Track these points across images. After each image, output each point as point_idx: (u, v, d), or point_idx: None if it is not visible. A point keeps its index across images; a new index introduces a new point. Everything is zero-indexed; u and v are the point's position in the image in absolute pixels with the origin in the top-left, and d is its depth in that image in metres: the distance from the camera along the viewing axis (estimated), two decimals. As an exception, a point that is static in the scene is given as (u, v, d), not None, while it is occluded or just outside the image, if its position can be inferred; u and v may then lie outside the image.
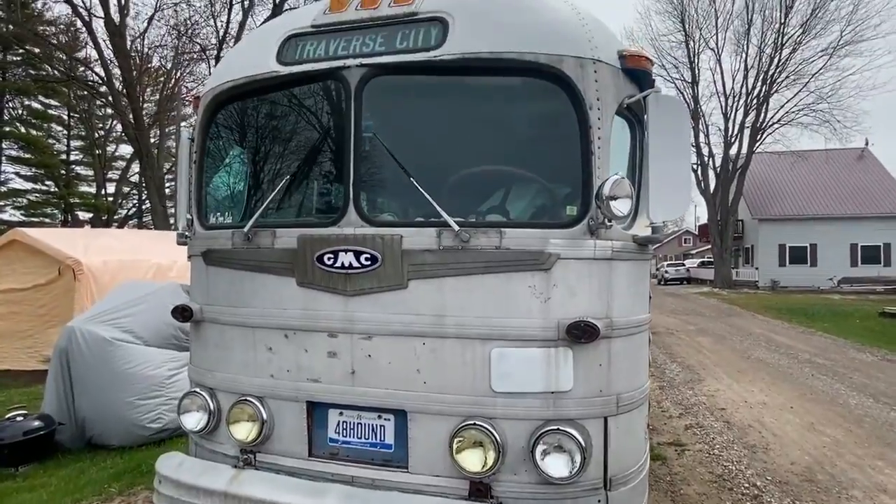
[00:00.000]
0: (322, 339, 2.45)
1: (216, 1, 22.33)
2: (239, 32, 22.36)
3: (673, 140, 2.41)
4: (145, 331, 6.14)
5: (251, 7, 22.94)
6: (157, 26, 23.32)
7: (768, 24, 31.23)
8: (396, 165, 2.37)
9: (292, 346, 2.51)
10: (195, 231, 2.87)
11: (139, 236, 13.84)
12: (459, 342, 2.28)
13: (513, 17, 2.36)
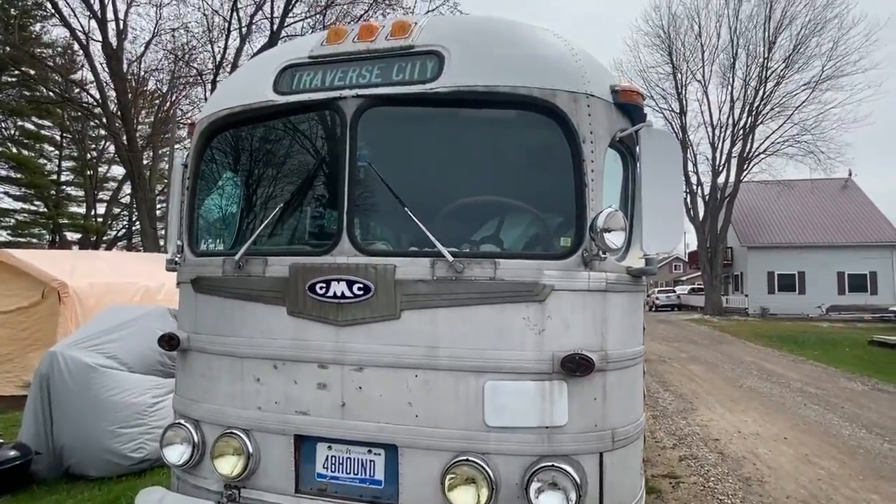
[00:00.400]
0: (312, 371, 2.39)
1: (214, 27, 22.67)
2: (236, 58, 22.64)
3: (665, 173, 2.44)
4: (130, 357, 6.00)
5: (248, 34, 23.31)
6: (153, 50, 23.48)
7: (752, 59, 32.25)
8: (391, 195, 2.37)
9: (281, 377, 2.45)
10: (185, 258, 2.83)
11: (127, 258, 13.69)
12: (452, 374, 2.25)
13: (507, 51, 2.40)
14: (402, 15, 21.24)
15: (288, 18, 22.22)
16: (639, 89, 2.61)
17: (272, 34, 22.05)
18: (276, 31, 22.20)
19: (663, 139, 2.47)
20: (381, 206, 2.49)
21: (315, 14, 22.84)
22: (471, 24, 2.56)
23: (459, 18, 2.57)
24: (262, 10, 22.18)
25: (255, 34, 23.71)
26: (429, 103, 2.41)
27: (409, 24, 2.57)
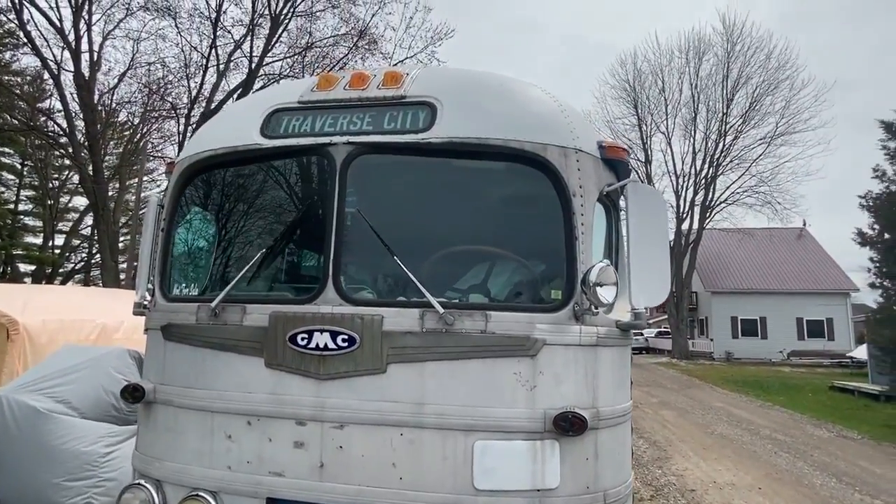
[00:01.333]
0: (289, 427, 2.25)
1: (191, 63, 22.68)
2: (212, 94, 22.62)
3: (651, 228, 2.46)
4: (83, 401, 5.60)
5: (226, 71, 23.40)
6: (127, 82, 23.24)
7: (712, 114, 34.15)
8: (378, 243, 2.32)
9: (255, 434, 2.29)
10: (156, 302, 2.68)
11: (84, 293, 13.03)
12: (440, 433, 2.14)
13: (499, 105, 2.44)
14: (381, 59, 21.77)
15: (267, 58, 22.49)
16: (624, 146, 2.67)
17: (250, 72, 22.21)
18: (255, 70, 22.38)
19: (649, 195, 2.51)
20: (368, 254, 2.43)
21: (295, 55, 23.21)
22: (462, 78, 2.60)
23: (451, 71, 2.60)
24: (240, 48, 22.40)
25: (232, 72, 23.83)
26: (421, 153, 2.40)
27: (401, 75, 2.59)
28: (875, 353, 11.31)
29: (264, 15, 21.82)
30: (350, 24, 21.89)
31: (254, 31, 21.67)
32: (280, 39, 22.42)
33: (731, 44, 33.09)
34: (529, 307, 2.32)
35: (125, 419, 5.63)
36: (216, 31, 21.15)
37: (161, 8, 20.91)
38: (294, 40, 22.70)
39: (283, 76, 22.87)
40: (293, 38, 22.84)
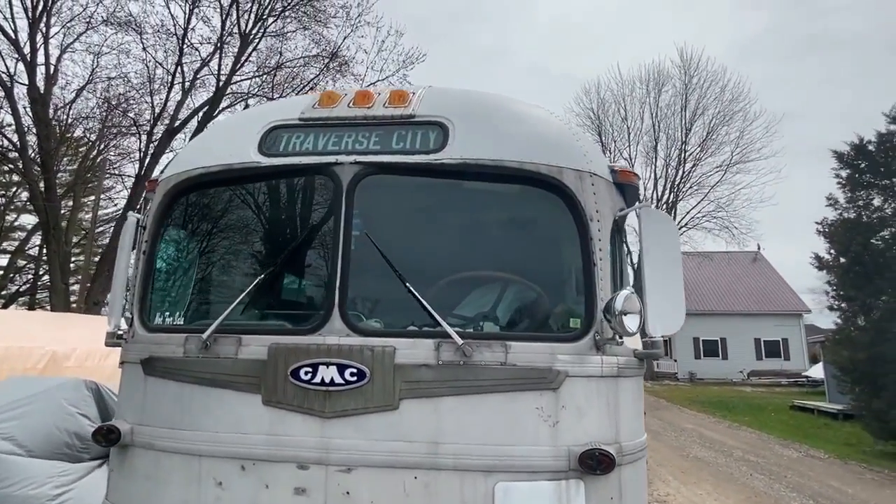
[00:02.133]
0: (289, 472, 2.04)
1: (155, 79, 22.04)
2: (176, 111, 22.00)
3: (665, 253, 2.41)
4: (31, 438, 5.11)
5: (192, 88, 22.85)
6: (85, 97, 22.36)
7: (672, 142, 35.58)
8: (388, 268, 2.17)
9: (249, 480, 2.07)
10: (134, 332, 2.43)
11: (31, 318, 12.17)
12: (458, 475, 1.98)
13: (513, 127, 2.36)
14: (352, 81, 21.71)
15: (235, 76, 22.10)
16: (634, 171, 2.63)
17: (217, 90, 21.76)
18: (222, 88, 21.94)
19: (662, 220, 2.47)
20: (376, 280, 2.27)
21: (263, 74, 22.89)
22: (472, 99, 2.52)
23: (458, 92, 2.52)
24: (208, 66, 21.95)
25: (198, 90, 23.28)
26: (432, 174, 2.29)
27: (408, 94, 2.49)
28: (835, 373, 11.73)
29: (233, 33, 21.54)
30: (321, 46, 21.83)
31: (222, 49, 21.31)
32: (249, 59, 22.12)
33: (689, 76, 34.79)
34: (549, 337, 2.20)
35: (78, 457, 5.17)
36: (183, 47, 20.68)
37: (124, 23, 20.35)
38: (263, 59, 22.43)
39: (251, 95, 22.51)
40: (262, 58, 22.58)
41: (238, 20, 21.23)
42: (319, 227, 2.36)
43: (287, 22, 21.66)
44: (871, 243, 10.80)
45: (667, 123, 35.47)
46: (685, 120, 34.86)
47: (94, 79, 22.35)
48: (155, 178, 2.77)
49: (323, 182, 2.34)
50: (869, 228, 11.02)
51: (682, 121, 34.97)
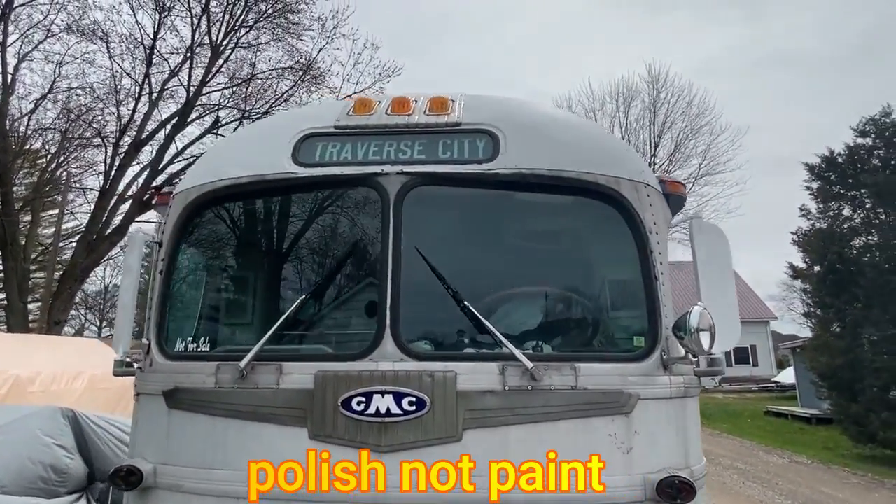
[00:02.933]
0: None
1: (121, 89, 21.24)
2: (143, 122, 21.24)
3: (720, 267, 2.34)
4: (3, 473, 4.69)
5: (159, 98, 22.13)
6: (45, 108, 21.37)
7: (642, 155, 36.45)
8: (440, 285, 2.02)
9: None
10: (153, 361, 2.19)
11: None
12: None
13: (567, 136, 2.26)
14: (328, 93, 21.44)
15: (206, 87, 21.52)
16: (682, 181, 2.57)
17: (188, 102, 21.15)
18: (192, 99, 21.35)
19: (714, 232, 2.40)
20: (428, 298, 2.11)
21: (235, 86, 22.37)
22: (519, 106, 2.40)
23: (500, 99, 2.41)
24: (177, 76, 21.33)
25: (167, 101, 22.56)
26: (485, 184, 2.16)
27: (448, 101, 2.36)
28: (814, 379, 12.06)
29: (203, 44, 21.03)
30: (295, 58, 21.49)
31: (192, 60, 20.76)
32: (221, 70, 21.60)
33: (657, 91, 35.87)
34: (617, 356, 2.08)
35: (54, 491, 4.77)
36: (152, 58, 20.07)
37: (89, 31, 19.61)
38: (233, 71, 21.90)
39: (221, 107, 21.97)
40: (234, 69, 22.08)
41: (209, 31, 20.76)
42: (364, 241, 2.19)
43: (261, 33, 21.28)
44: (844, 252, 11.19)
45: (636, 137, 36.37)
46: (654, 134, 35.85)
47: (55, 89, 21.44)
48: (167, 191, 2.54)
49: (366, 194, 2.18)
50: (842, 238, 11.43)
51: (651, 134, 35.94)
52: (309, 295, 2.11)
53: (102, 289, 41.91)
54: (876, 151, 11.89)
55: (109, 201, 19.59)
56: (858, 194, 11.89)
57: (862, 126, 12.01)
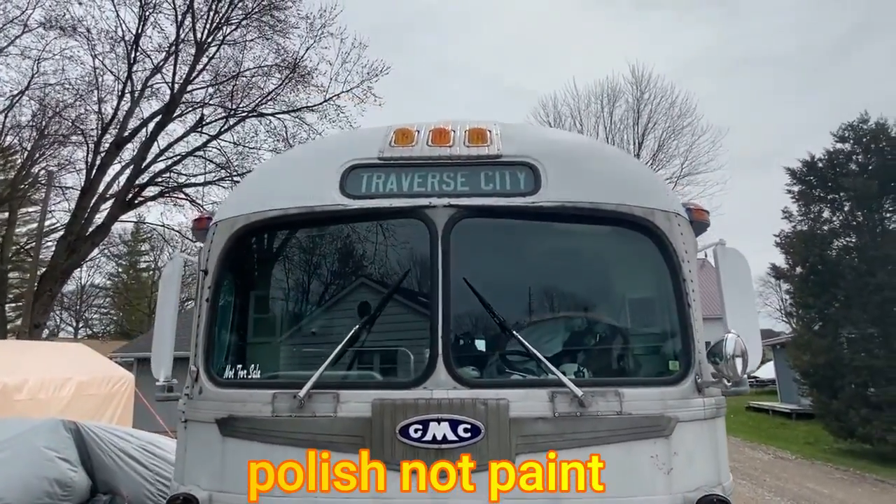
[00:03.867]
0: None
1: (103, 86, 20.76)
2: (125, 120, 20.81)
3: (741, 291, 2.48)
4: (7, 489, 4.67)
5: (141, 96, 21.69)
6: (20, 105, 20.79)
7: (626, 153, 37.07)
8: (487, 314, 2.12)
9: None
10: (202, 388, 2.23)
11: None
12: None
13: (603, 168, 2.36)
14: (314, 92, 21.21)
15: (190, 85, 21.17)
16: (706, 208, 2.69)
17: (172, 99, 20.79)
18: (177, 96, 20.99)
19: (737, 258, 2.53)
20: (476, 327, 2.20)
21: (220, 83, 22.03)
22: (556, 138, 2.51)
23: (536, 129, 2.52)
24: (161, 73, 20.92)
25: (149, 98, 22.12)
26: (528, 216, 2.25)
27: (486, 131, 2.45)
28: (796, 377, 12.50)
29: (188, 41, 20.67)
30: (281, 56, 21.26)
31: (177, 57, 20.40)
32: (206, 68, 21.26)
33: (640, 92, 36.41)
34: (656, 381, 2.20)
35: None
36: (136, 55, 19.66)
37: (67, 27, 19.11)
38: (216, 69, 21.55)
39: (206, 104, 21.65)
40: (219, 67, 21.73)
41: (193, 28, 20.42)
42: (413, 271, 2.26)
43: (248, 31, 21.00)
44: (825, 254, 11.60)
45: (620, 137, 36.87)
46: (637, 134, 36.39)
47: (32, 85, 20.86)
48: (205, 216, 2.58)
49: (413, 225, 2.25)
50: (823, 240, 11.83)
51: (635, 134, 36.46)
52: (363, 325, 2.18)
53: (79, 288, 40.99)
54: (854, 157, 12.33)
55: (90, 200, 19.18)
56: (838, 198, 12.32)
57: (841, 132, 12.43)
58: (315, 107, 20.87)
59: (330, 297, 2.43)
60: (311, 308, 2.45)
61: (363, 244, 2.38)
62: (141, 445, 5.60)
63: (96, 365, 10.05)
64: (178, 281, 2.52)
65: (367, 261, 2.39)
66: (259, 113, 21.89)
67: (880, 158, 11.72)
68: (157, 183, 21.69)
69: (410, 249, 2.30)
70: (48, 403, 8.31)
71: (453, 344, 2.09)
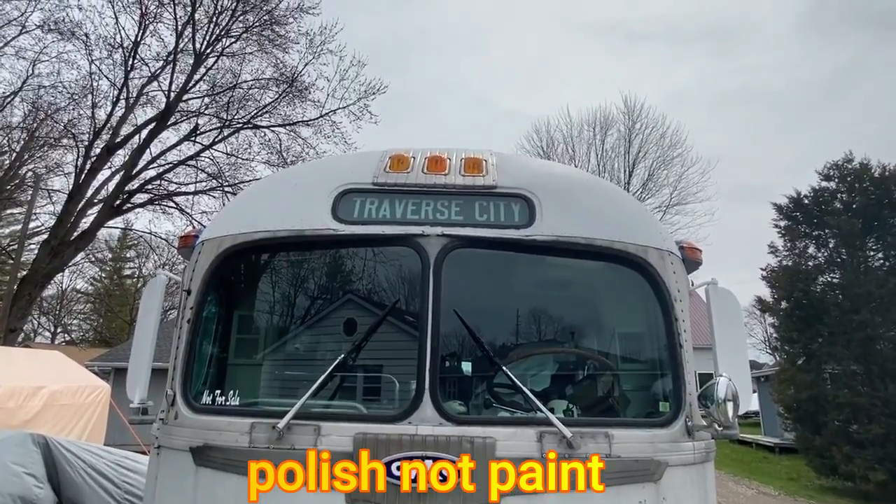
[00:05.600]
0: (378, 583, 1.84)
1: (98, 92, 20.65)
2: (118, 126, 20.67)
3: (732, 331, 2.46)
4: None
5: (136, 103, 21.59)
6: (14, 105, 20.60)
7: (617, 183, 37.57)
8: (476, 347, 2.07)
9: None
10: (178, 413, 2.14)
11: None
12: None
13: (599, 205, 2.35)
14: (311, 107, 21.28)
15: (186, 94, 21.14)
16: (699, 246, 2.69)
17: (167, 107, 20.73)
18: (172, 104, 20.94)
19: (728, 298, 2.52)
20: (465, 360, 2.15)
21: (216, 94, 22.02)
22: (551, 171, 2.49)
23: (531, 161, 2.51)
24: (157, 80, 20.89)
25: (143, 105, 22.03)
26: (522, 249, 2.22)
27: (482, 161, 2.43)
28: (780, 411, 12.51)
29: (186, 51, 20.71)
30: (279, 71, 21.36)
31: (175, 66, 20.41)
32: (204, 78, 21.28)
33: (632, 121, 37.09)
34: (645, 423, 2.15)
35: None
36: (133, 61, 19.64)
37: (65, 31, 19.08)
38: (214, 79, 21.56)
39: (201, 113, 21.62)
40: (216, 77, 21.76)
41: (193, 38, 20.49)
42: (402, 300, 2.21)
43: (247, 44, 21.12)
44: (810, 290, 11.73)
45: (611, 165, 37.40)
46: (628, 162, 36.94)
47: (26, 87, 20.71)
48: (192, 234, 2.52)
49: (405, 253, 2.21)
50: (808, 276, 11.98)
51: (626, 163, 37.01)
52: (346, 353, 2.12)
53: (59, 293, 40.10)
54: (839, 195, 12.59)
55: (77, 205, 18.93)
56: (823, 234, 12.53)
57: (826, 170, 12.71)
58: (311, 121, 20.95)
59: (316, 324, 2.37)
60: (296, 334, 2.38)
61: (353, 271, 2.33)
62: (114, 461, 5.43)
63: (71, 374, 9.78)
64: (159, 300, 2.45)
65: (355, 288, 2.34)
66: (254, 125, 21.87)
67: (864, 198, 11.97)
68: (146, 190, 21.49)
69: (401, 278, 2.26)
70: (16, 413, 8.03)
71: (441, 377, 2.03)
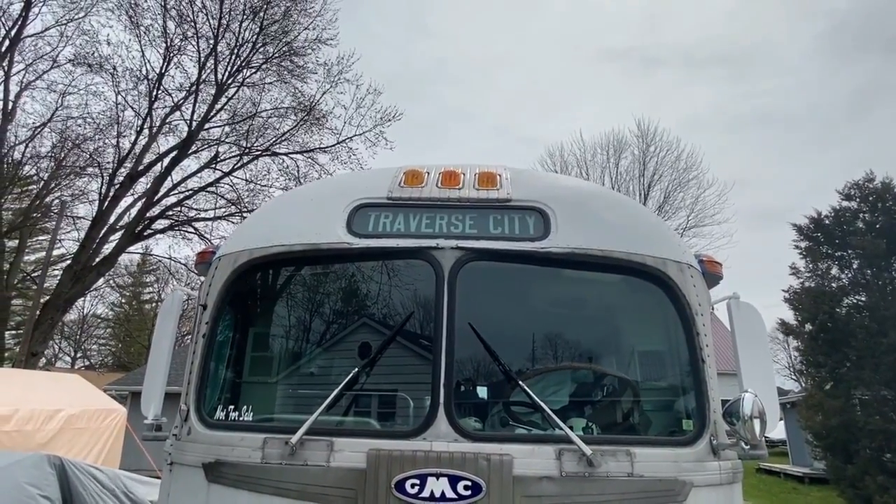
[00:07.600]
0: None
1: (122, 121, 21.37)
2: (141, 155, 21.29)
3: (756, 347, 2.38)
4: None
5: (159, 132, 22.26)
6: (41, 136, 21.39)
7: (630, 205, 37.36)
8: (492, 362, 2.03)
9: None
10: (191, 429, 2.13)
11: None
12: None
13: (615, 217, 2.33)
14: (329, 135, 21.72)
15: (207, 123, 21.76)
16: (719, 260, 2.64)
17: (189, 135, 21.32)
18: (194, 133, 21.54)
19: (751, 312, 2.45)
20: (481, 375, 2.11)
21: (237, 122, 22.61)
22: (566, 184, 2.49)
23: (545, 175, 2.50)
24: (179, 110, 21.56)
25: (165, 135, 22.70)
26: (537, 262, 2.20)
27: (496, 175, 2.44)
28: (808, 439, 12.02)
29: (208, 81, 21.40)
30: (297, 99, 21.91)
31: (197, 96, 21.07)
32: (224, 107, 21.92)
33: (646, 144, 37.09)
34: (669, 441, 2.08)
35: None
36: (157, 92, 20.35)
37: (94, 64, 19.88)
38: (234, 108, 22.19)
39: (221, 142, 22.19)
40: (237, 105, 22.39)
41: (215, 69, 21.19)
42: (417, 314, 2.20)
43: (266, 74, 21.79)
44: (835, 312, 11.40)
45: (626, 187, 37.29)
46: (643, 185, 36.80)
47: (55, 118, 21.52)
48: (208, 250, 2.54)
49: (419, 266, 2.20)
50: (832, 297, 11.66)
51: (641, 185, 36.88)
52: (361, 368, 2.09)
53: (80, 318, 40.76)
54: (861, 214, 12.33)
55: (100, 231, 19.40)
56: (846, 255, 12.23)
57: (847, 190, 12.49)
58: (328, 148, 21.40)
59: (330, 338, 2.35)
60: (311, 348, 2.37)
61: (367, 284, 2.32)
62: (128, 486, 5.41)
63: (89, 397, 9.86)
64: (176, 315, 2.46)
65: (370, 301, 2.33)
66: (273, 152, 22.39)
67: (887, 217, 11.71)
68: (167, 216, 21.98)
69: (415, 291, 2.24)
70: (33, 436, 8.09)
71: (456, 392, 1.99)
